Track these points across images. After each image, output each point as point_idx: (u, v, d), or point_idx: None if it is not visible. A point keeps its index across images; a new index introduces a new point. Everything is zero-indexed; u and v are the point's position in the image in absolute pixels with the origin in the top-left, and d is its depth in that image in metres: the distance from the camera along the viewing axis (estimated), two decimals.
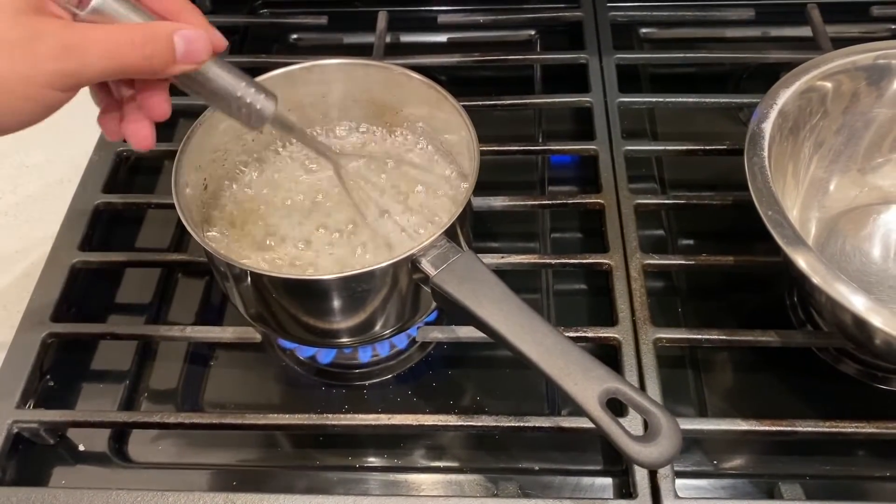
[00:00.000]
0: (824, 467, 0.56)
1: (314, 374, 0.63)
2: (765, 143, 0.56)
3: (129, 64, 0.41)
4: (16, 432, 0.56)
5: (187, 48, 0.43)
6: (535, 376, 0.60)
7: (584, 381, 0.45)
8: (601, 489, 0.55)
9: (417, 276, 0.51)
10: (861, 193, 0.65)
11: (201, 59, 0.44)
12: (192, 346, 0.65)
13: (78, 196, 0.69)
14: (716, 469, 0.57)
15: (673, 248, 0.70)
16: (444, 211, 0.59)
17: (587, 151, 0.71)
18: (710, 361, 0.62)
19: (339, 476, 0.57)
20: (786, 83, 0.59)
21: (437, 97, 0.60)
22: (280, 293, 0.52)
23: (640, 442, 0.43)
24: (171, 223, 0.72)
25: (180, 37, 0.42)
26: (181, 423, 0.56)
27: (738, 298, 0.66)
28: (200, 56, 0.44)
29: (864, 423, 0.54)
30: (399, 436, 0.58)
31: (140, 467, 0.58)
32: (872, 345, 0.52)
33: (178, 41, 0.42)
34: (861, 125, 0.63)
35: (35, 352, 0.59)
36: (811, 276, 0.50)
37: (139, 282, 0.68)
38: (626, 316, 0.59)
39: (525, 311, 0.48)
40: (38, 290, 0.63)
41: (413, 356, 0.63)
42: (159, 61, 0.42)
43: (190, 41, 0.43)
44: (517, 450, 0.58)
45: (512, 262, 0.63)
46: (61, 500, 0.52)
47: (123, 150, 0.73)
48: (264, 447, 0.59)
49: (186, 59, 0.43)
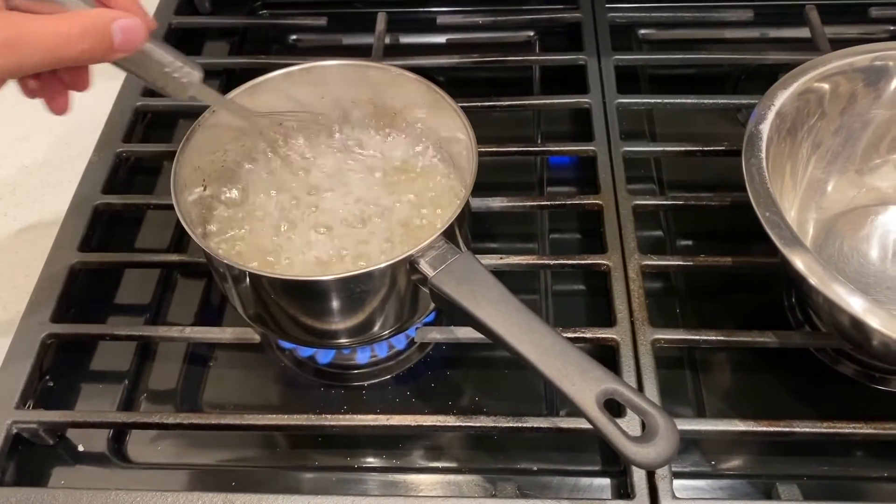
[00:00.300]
0: (822, 468, 0.57)
1: (313, 375, 0.63)
2: (762, 144, 0.56)
3: (67, 57, 0.42)
4: (15, 433, 0.56)
5: (124, 38, 0.43)
6: (534, 377, 0.61)
7: (581, 381, 0.45)
8: (599, 489, 0.55)
9: (416, 277, 0.51)
10: (859, 194, 0.66)
11: (138, 47, 0.45)
12: (192, 347, 0.65)
13: (77, 197, 0.69)
14: (713, 469, 0.57)
15: (671, 249, 0.70)
16: (442, 211, 0.59)
17: (586, 152, 0.71)
18: (708, 362, 0.63)
19: (337, 476, 0.57)
20: (784, 84, 0.59)
21: (435, 98, 0.60)
22: (278, 294, 0.52)
23: (637, 443, 0.43)
24: (170, 224, 0.72)
25: (118, 27, 0.43)
26: (180, 424, 0.56)
27: (737, 299, 0.66)
28: (137, 44, 0.45)
29: (862, 424, 0.54)
30: (397, 436, 0.59)
31: (139, 468, 0.58)
32: (870, 346, 0.52)
33: (116, 31, 0.43)
34: (859, 126, 0.63)
35: (34, 352, 0.59)
36: (809, 277, 0.50)
37: (138, 283, 0.68)
38: (624, 317, 0.59)
39: (523, 312, 0.48)
40: (38, 290, 0.63)
41: (412, 357, 0.63)
42: (98, 52, 0.43)
43: (127, 31, 0.43)
44: (515, 450, 0.58)
45: (510, 262, 0.63)
46: (60, 501, 0.52)
47: (123, 150, 0.73)
48: (263, 447, 0.59)
49: (123, 47, 0.44)
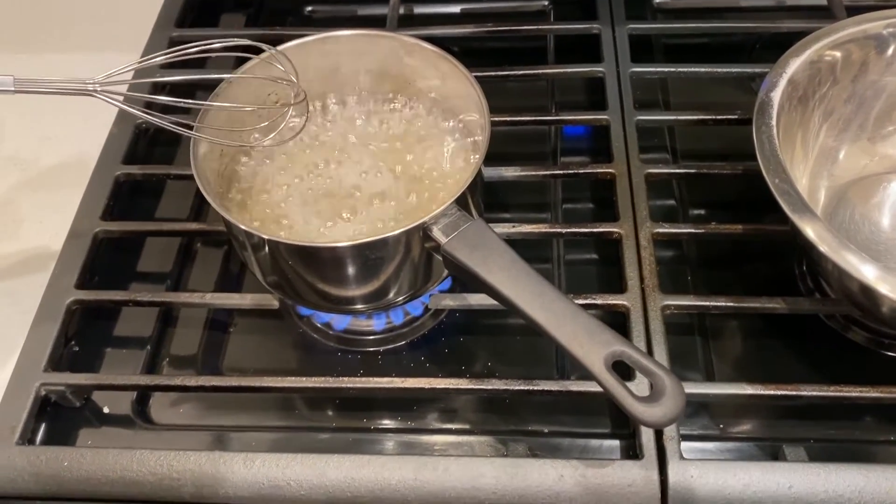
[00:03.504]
0: (829, 431, 0.58)
1: (330, 341, 0.64)
2: (773, 111, 0.56)
3: None
4: (44, 394, 0.58)
5: None
6: (545, 343, 0.62)
7: (590, 344, 0.46)
8: (608, 451, 0.57)
9: (429, 244, 0.52)
10: (871, 162, 0.66)
11: None
12: (212, 314, 0.66)
13: (99, 167, 0.71)
14: (722, 433, 0.58)
15: (684, 219, 0.71)
16: (455, 180, 0.60)
17: (599, 121, 0.72)
18: (718, 330, 0.63)
19: (354, 437, 0.58)
20: (796, 52, 0.59)
21: (449, 68, 0.60)
22: (296, 260, 0.53)
23: (644, 402, 0.44)
24: (189, 194, 0.74)
25: None
26: (202, 386, 0.58)
27: (748, 268, 0.67)
28: None
29: (869, 388, 0.54)
30: (412, 399, 0.60)
31: (162, 429, 0.60)
32: (880, 312, 0.53)
33: None
34: (871, 94, 0.63)
35: (60, 318, 0.61)
36: (818, 244, 0.51)
37: (159, 252, 0.70)
38: (634, 284, 0.60)
39: (534, 278, 0.49)
40: (62, 258, 0.65)
41: (426, 324, 0.65)
42: None
43: None
44: (527, 413, 0.59)
45: (523, 231, 0.64)
46: (88, 459, 0.54)
47: (142, 122, 0.74)
48: (282, 410, 0.61)
49: None
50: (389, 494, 0.52)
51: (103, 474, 0.54)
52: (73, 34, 0.88)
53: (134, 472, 0.54)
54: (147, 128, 0.75)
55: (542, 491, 0.52)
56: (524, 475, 0.52)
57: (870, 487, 0.50)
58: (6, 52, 0.87)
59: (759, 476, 0.51)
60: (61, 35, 0.88)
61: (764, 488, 0.51)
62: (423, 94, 0.65)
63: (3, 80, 0.51)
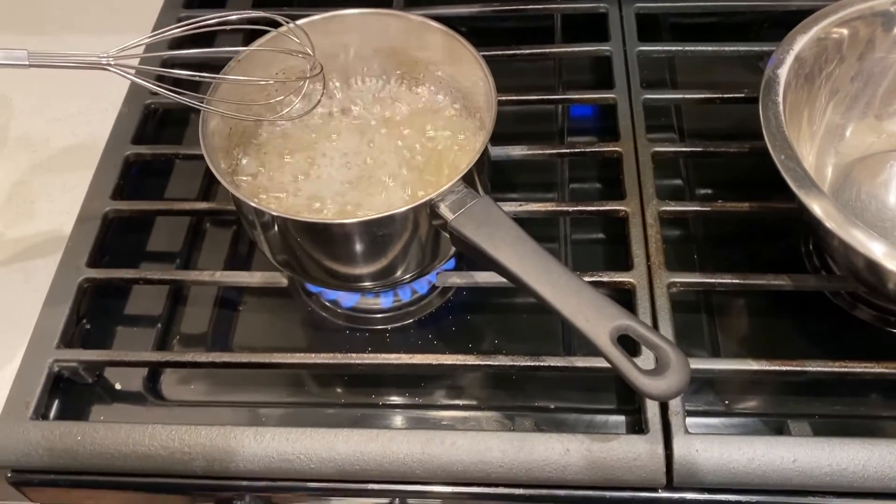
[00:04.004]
0: (834, 407, 0.58)
1: (339, 319, 0.65)
2: (780, 88, 0.57)
3: None
4: (57, 371, 0.59)
5: None
6: (552, 322, 0.63)
7: (595, 318, 0.46)
8: (614, 426, 0.57)
9: (437, 221, 0.53)
10: (878, 140, 0.66)
11: None
12: (222, 292, 0.67)
13: (109, 148, 0.71)
14: (727, 409, 0.58)
15: (691, 198, 0.71)
16: (461, 159, 0.61)
17: (606, 100, 0.72)
18: (725, 308, 0.64)
19: (362, 412, 0.59)
20: (803, 29, 0.59)
21: (456, 46, 0.61)
22: (304, 237, 0.54)
23: (649, 375, 0.45)
24: (198, 175, 0.74)
25: None
26: (212, 363, 0.59)
27: (755, 248, 0.67)
28: None
29: (874, 364, 0.55)
30: (420, 376, 0.61)
31: (173, 405, 0.61)
32: (885, 289, 0.53)
33: None
34: (878, 71, 0.63)
35: (72, 296, 0.62)
36: (824, 220, 0.51)
37: (169, 232, 0.71)
38: (641, 261, 0.61)
39: (540, 253, 0.50)
40: (74, 237, 0.65)
41: (433, 302, 0.65)
42: None
43: None
44: (533, 389, 0.60)
45: (529, 209, 0.64)
46: (101, 434, 0.55)
47: (151, 102, 0.75)
48: (291, 387, 0.61)
49: None
50: (397, 468, 0.53)
51: (116, 448, 0.55)
52: (83, 16, 0.89)
53: (146, 446, 0.55)
54: (156, 108, 0.76)
55: (549, 464, 0.52)
56: (531, 449, 0.53)
57: (873, 461, 0.51)
58: (18, 34, 0.88)
59: (763, 450, 0.52)
60: (71, 17, 0.89)
61: (768, 462, 0.51)
62: (429, 72, 0.65)
63: (18, 55, 0.51)
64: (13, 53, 0.51)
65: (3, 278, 0.67)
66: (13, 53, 0.51)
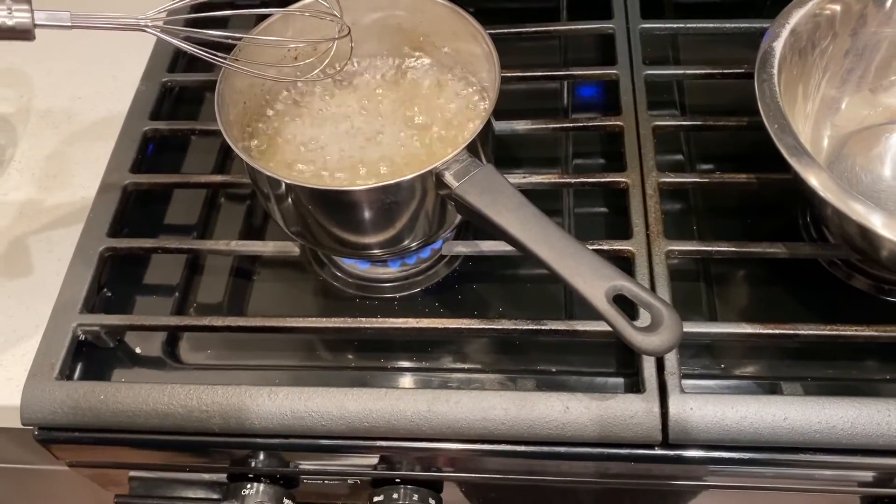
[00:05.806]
0: (826, 371, 0.60)
1: (349, 288, 0.67)
2: (775, 61, 0.58)
3: None
4: (80, 335, 0.62)
5: None
6: (555, 290, 0.65)
7: (592, 278, 0.49)
8: (613, 388, 0.59)
9: (442, 190, 0.55)
10: (873, 113, 0.67)
11: None
12: (237, 262, 0.70)
13: (127, 123, 0.74)
14: (723, 372, 0.60)
15: (691, 172, 0.72)
16: (467, 130, 0.63)
17: (608, 76, 0.74)
18: (723, 278, 0.65)
19: (371, 374, 0.62)
20: (799, 3, 0.61)
21: (461, 22, 0.62)
22: (315, 204, 0.56)
23: (643, 332, 0.47)
24: (213, 150, 0.77)
25: None
26: (228, 326, 0.61)
27: (753, 220, 0.68)
28: None
29: (864, 327, 0.57)
30: (426, 341, 0.63)
31: (191, 368, 0.64)
32: (879, 256, 0.54)
33: None
34: (871, 45, 0.64)
35: (94, 264, 0.65)
36: (819, 190, 0.52)
37: (186, 204, 0.73)
38: (640, 230, 0.62)
39: (540, 218, 0.52)
40: (95, 208, 0.68)
41: (440, 272, 0.67)
42: None
43: None
44: (536, 354, 0.62)
45: (533, 181, 0.66)
46: (123, 393, 0.58)
47: (168, 80, 0.77)
48: (304, 351, 0.64)
49: None
50: (404, 425, 0.56)
51: (137, 407, 0.58)
52: None
53: (165, 404, 0.57)
54: (172, 87, 0.78)
55: (550, 422, 0.55)
56: (531, 406, 0.55)
57: (862, 419, 0.53)
58: None
59: (755, 408, 0.54)
60: None
61: (760, 420, 0.54)
62: (436, 49, 0.67)
63: (62, 16, 0.53)
64: (57, 15, 0.53)
65: (29, 248, 0.70)
66: (57, 15, 0.53)
